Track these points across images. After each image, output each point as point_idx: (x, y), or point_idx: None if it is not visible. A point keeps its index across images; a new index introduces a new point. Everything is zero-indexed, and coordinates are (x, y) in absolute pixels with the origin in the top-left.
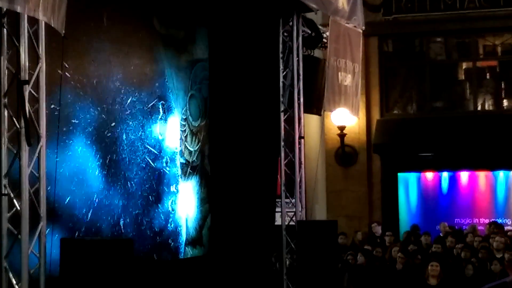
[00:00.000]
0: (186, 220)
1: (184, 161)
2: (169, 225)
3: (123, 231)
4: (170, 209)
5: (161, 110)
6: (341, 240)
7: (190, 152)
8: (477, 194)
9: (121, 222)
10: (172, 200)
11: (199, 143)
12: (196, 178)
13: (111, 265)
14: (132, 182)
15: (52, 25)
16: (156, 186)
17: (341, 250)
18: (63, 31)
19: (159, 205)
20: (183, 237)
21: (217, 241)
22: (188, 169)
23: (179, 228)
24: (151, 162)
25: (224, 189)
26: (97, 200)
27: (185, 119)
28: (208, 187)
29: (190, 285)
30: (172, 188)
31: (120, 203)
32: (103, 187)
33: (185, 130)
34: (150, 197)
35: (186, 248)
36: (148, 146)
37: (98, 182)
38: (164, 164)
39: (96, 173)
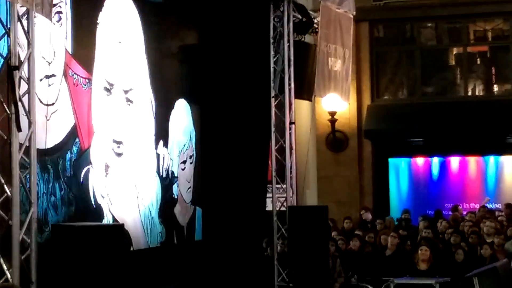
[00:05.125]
0: None
1: None
2: None
3: (113, 216)
4: None
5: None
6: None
7: None
8: (468, 179)
9: (112, 207)
10: None
11: None
12: None
13: (102, 250)
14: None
15: (35, 12)
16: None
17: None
18: (51, 17)
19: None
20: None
21: (208, 226)
22: None
23: None
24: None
25: (215, 175)
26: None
27: None
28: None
29: (182, 270)
30: None
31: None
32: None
33: None
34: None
35: None
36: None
37: None
38: None
39: None
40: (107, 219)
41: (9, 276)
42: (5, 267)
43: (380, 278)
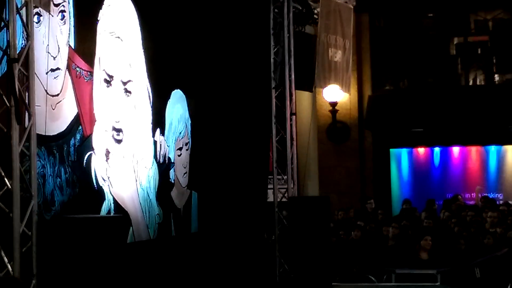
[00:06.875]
0: None
1: None
2: None
3: (114, 198)
4: None
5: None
6: (341, 216)
7: None
8: (469, 169)
9: (112, 189)
10: None
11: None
12: None
13: (103, 242)
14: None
15: (33, 4)
16: None
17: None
18: (50, 9)
19: None
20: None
21: (208, 218)
22: None
23: None
24: None
25: (216, 166)
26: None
27: None
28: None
29: (182, 262)
30: None
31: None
32: None
33: None
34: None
35: None
36: None
37: None
38: None
39: None
40: (108, 200)
41: (10, 269)
42: (6, 260)
43: (382, 268)
